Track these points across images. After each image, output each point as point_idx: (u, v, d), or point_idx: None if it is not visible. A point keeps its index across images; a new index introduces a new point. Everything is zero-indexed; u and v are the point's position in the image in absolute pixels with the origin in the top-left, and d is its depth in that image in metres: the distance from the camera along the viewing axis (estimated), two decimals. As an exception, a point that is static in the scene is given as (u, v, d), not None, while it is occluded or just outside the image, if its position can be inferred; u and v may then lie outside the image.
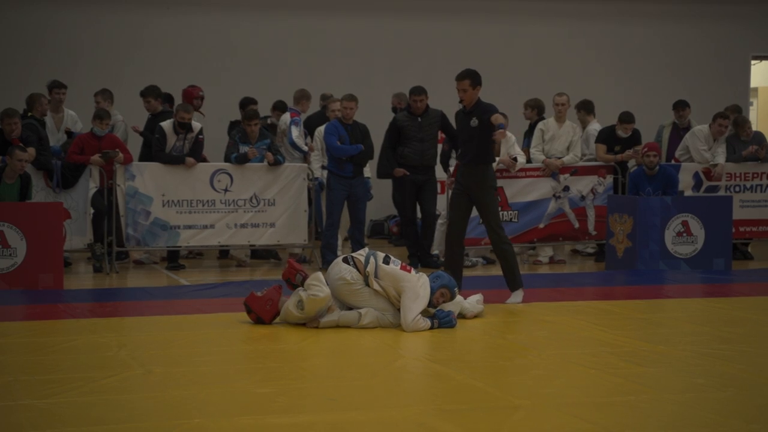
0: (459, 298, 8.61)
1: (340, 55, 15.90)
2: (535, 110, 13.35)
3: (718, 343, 7.56)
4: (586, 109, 13.47)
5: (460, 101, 9.53)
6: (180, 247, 12.16)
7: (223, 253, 13.26)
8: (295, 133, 12.85)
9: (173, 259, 12.29)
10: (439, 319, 8.15)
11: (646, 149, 12.23)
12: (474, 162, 9.50)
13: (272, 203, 12.22)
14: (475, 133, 9.42)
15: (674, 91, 15.35)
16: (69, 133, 12.60)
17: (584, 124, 13.48)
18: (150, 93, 12.92)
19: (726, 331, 8.10)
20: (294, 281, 8.28)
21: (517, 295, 9.50)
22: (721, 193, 13.06)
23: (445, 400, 6.02)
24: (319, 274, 8.20)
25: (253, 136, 12.16)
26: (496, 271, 12.35)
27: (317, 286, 8.06)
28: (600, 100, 14.62)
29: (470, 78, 9.36)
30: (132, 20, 15.48)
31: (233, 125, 13.33)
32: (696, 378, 6.46)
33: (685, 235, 11.94)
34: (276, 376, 6.54)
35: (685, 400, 5.94)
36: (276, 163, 12.15)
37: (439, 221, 12.81)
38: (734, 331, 8.02)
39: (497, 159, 12.41)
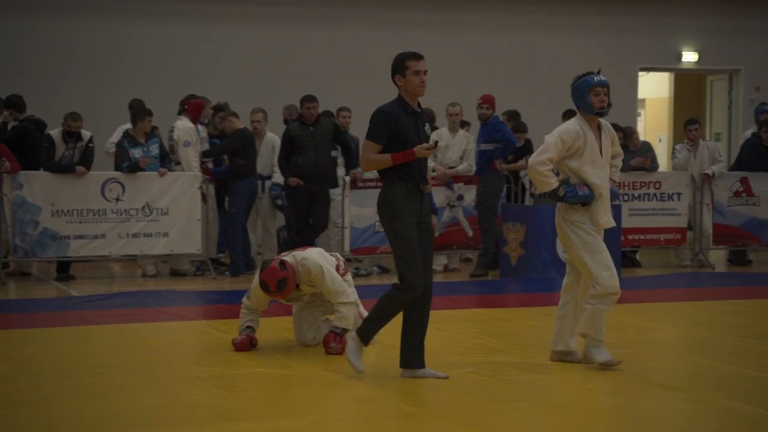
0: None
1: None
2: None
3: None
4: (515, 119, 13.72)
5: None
6: (70, 257, 11.92)
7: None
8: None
9: (63, 270, 12.06)
10: (567, 191, 7.07)
11: (480, 101, 12.47)
12: None
13: (165, 212, 12.06)
14: None
15: (566, 101, 15.48)
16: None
17: None
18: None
19: (614, 337, 8.18)
20: None
21: None
22: (610, 201, 13.29)
23: (339, 410, 6.00)
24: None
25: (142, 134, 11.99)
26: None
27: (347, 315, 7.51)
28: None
29: None
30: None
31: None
32: (586, 384, 6.57)
33: (575, 243, 12.10)
34: (167, 387, 6.45)
35: (577, 406, 6.03)
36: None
37: None
38: (622, 337, 8.15)
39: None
